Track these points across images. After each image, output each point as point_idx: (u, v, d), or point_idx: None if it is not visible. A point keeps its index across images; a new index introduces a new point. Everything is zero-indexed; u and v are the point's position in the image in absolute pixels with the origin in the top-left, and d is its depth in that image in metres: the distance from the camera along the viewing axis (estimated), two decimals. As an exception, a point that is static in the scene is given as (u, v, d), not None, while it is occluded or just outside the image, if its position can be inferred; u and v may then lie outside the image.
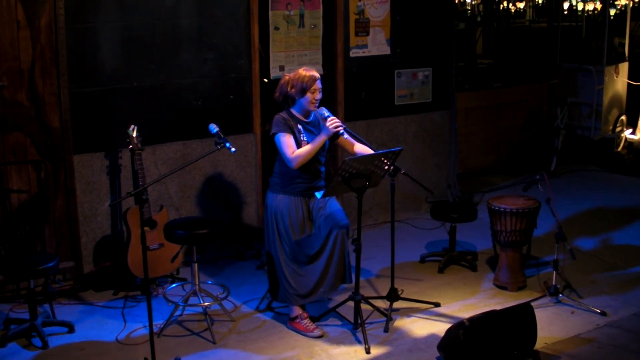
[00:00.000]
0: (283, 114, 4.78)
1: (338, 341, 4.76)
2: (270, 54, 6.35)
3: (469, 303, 5.32)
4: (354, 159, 4.48)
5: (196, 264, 4.97)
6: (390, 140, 7.02)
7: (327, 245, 4.75)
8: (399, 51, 6.98)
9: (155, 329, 4.63)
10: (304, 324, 4.86)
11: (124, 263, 5.35)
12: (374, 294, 5.43)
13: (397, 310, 5.15)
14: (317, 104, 4.77)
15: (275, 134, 4.72)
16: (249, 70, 6.16)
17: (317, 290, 4.82)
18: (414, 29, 7.03)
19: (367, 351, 4.61)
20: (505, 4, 12.61)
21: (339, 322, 5.01)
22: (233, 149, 4.42)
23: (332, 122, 4.65)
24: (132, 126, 5.29)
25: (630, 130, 10.17)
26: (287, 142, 4.69)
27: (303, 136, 4.75)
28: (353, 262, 4.85)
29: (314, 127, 4.85)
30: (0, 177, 5.29)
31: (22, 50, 5.20)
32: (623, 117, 9.85)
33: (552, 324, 4.94)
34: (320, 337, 4.80)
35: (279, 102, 4.87)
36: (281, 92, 4.82)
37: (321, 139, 4.69)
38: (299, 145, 4.72)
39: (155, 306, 5.14)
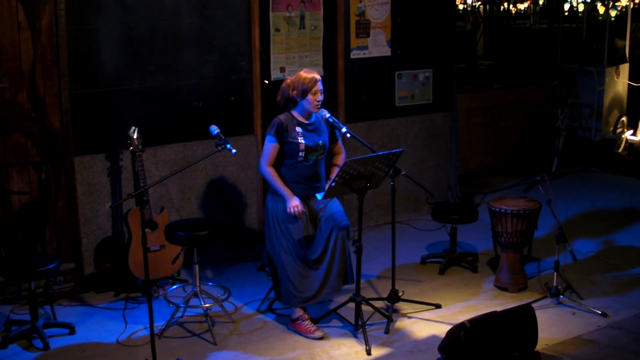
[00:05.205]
0: (283, 116, 4.80)
1: (339, 342, 4.76)
2: (271, 56, 6.35)
3: (469, 304, 5.32)
4: (354, 160, 4.48)
5: (197, 266, 4.97)
6: (391, 141, 7.02)
7: (329, 246, 4.75)
8: (400, 52, 6.98)
9: (156, 331, 4.62)
10: (305, 326, 4.85)
11: (125, 264, 5.35)
12: (375, 295, 5.43)
13: (397, 311, 5.15)
14: (319, 106, 4.79)
15: (267, 135, 4.79)
16: (250, 71, 6.17)
17: (321, 292, 4.82)
18: (414, 30, 7.03)
19: (368, 352, 4.60)
20: (505, 5, 12.60)
21: (340, 324, 5.01)
22: (234, 151, 4.42)
23: (292, 209, 4.69)
24: (133, 127, 5.29)
25: (631, 131, 10.16)
26: (270, 150, 4.77)
27: (301, 139, 4.76)
28: (353, 264, 4.86)
29: (315, 129, 4.86)
30: (1, 178, 5.29)
31: (23, 51, 5.20)
32: (624, 118, 9.85)
33: (553, 325, 4.94)
34: (321, 338, 4.79)
35: (281, 105, 4.88)
36: (283, 95, 4.83)
37: (287, 197, 4.71)
38: (296, 147, 4.74)
39: (156, 307, 5.14)
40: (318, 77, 4.78)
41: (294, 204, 4.70)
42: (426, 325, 4.99)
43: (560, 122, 8.98)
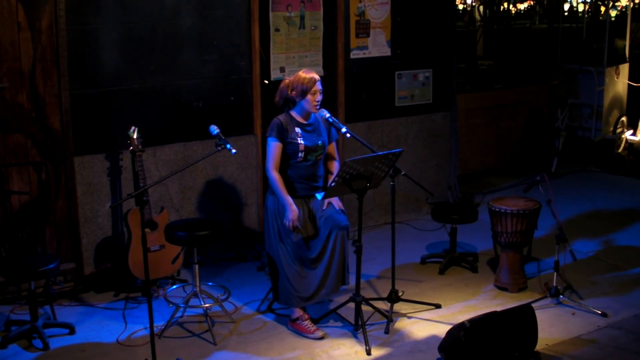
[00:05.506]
0: (281, 117, 4.80)
1: (339, 342, 4.76)
2: (271, 56, 6.35)
3: (469, 304, 5.32)
4: (354, 160, 4.48)
5: (197, 266, 4.97)
6: (391, 141, 7.02)
7: (328, 246, 4.76)
8: (400, 52, 6.98)
9: (156, 331, 4.62)
10: (304, 326, 4.85)
11: (125, 264, 5.35)
12: (375, 296, 5.43)
13: (397, 311, 5.15)
14: (318, 106, 4.79)
15: (269, 137, 4.78)
16: (250, 71, 6.17)
17: (319, 292, 4.82)
18: (414, 30, 7.04)
19: (368, 352, 4.60)
20: (505, 5, 12.62)
21: (340, 324, 5.01)
22: (234, 151, 4.42)
23: (287, 223, 4.71)
24: (133, 127, 5.30)
25: (631, 131, 10.17)
26: (275, 152, 4.75)
27: (301, 139, 4.76)
28: (352, 264, 4.86)
29: (314, 129, 4.86)
30: (1, 178, 5.29)
31: (23, 51, 5.20)
32: (624, 119, 9.85)
33: (552, 325, 4.94)
34: (321, 338, 4.79)
35: (279, 106, 4.88)
36: (281, 95, 4.83)
37: (287, 208, 4.71)
38: (295, 148, 4.75)
39: (156, 307, 5.14)
40: (317, 77, 4.78)
41: (291, 217, 4.71)
42: (426, 325, 4.99)
43: (560, 122, 8.98)
